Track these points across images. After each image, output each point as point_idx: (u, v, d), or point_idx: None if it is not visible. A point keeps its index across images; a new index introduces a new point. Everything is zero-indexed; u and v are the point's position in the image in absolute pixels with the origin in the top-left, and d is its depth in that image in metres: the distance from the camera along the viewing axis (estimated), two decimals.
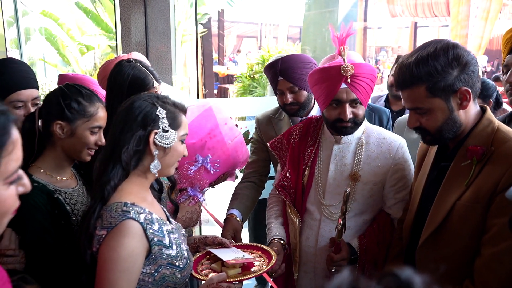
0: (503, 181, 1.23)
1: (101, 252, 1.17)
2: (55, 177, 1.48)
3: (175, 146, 1.29)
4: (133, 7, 3.55)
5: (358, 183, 1.69)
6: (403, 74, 1.33)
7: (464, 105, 1.31)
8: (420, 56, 1.29)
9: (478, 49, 10.48)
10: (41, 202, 1.38)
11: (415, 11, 13.20)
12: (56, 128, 1.44)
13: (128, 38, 3.61)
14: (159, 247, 1.22)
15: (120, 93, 1.75)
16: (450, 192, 1.35)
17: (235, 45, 16.84)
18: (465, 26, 10.45)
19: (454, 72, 1.27)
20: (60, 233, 1.42)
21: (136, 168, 1.26)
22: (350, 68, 1.56)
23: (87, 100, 1.48)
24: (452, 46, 1.28)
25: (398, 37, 15.59)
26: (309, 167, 1.78)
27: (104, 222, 1.17)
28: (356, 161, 1.71)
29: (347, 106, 1.62)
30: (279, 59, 2.04)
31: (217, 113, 1.98)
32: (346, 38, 1.61)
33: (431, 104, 1.31)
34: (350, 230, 1.70)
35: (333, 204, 1.72)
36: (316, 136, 1.82)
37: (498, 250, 1.24)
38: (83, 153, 1.49)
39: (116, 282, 1.14)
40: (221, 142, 1.92)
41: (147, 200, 1.29)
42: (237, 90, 8.58)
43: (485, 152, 1.29)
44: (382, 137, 1.72)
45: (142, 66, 1.81)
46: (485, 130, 1.33)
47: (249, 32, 17.72)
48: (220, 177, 2.00)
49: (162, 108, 1.27)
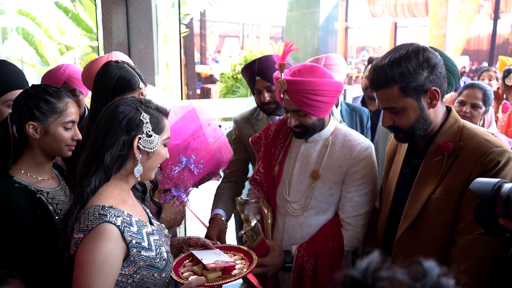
0: (474, 174, 1.31)
1: (77, 255, 1.17)
2: (36, 178, 1.49)
3: (158, 150, 1.30)
4: (114, 7, 3.52)
5: (318, 181, 1.73)
6: (377, 75, 1.40)
7: (434, 104, 1.40)
8: (393, 58, 1.37)
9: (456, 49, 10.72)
10: (22, 203, 1.40)
11: (395, 11, 13.41)
12: (29, 129, 1.46)
13: (109, 38, 3.57)
14: (137, 249, 1.23)
15: (106, 92, 1.75)
16: (424, 186, 1.43)
17: (217, 44, 16.78)
18: (443, 26, 10.67)
19: (424, 73, 1.36)
20: (43, 233, 1.43)
21: (118, 172, 1.27)
22: (283, 84, 1.63)
23: (54, 97, 1.49)
24: (422, 49, 1.37)
25: (379, 37, 15.81)
26: (279, 163, 1.84)
27: (81, 225, 1.18)
28: (319, 160, 1.75)
29: (290, 115, 1.70)
30: (256, 60, 2.12)
31: (201, 114, 1.99)
32: (284, 55, 1.66)
33: (404, 104, 1.39)
34: (311, 228, 1.75)
35: (295, 201, 1.78)
36: (288, 134, 1.87)
37: (472, 238, 1.31)
38: (63, 149, 1.51)
39: (92, 284, 1.14)
40: (204, 143, 1.93)
41: (127, 202, 1.30)
42: (220, 91, 8.57)
43: (455, 148, 1.38)
44: (348, 139, 1.75)
45: (130, 67, 1.82)
46: (452, 127, 1.43)
47: (231, 31, 17.69)
48: (204, 177, 2.02)
49: (146, 113, 1.28)
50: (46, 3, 8.51)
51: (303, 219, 1.76)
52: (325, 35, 10.61)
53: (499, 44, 12.34)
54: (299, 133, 1.75)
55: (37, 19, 8.27)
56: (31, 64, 8.87)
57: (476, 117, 2.58)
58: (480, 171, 1.31)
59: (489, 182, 1.07)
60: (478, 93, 2.58)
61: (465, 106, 2.59)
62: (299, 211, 1.76)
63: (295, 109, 1.66)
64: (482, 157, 1.32)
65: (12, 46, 8.60)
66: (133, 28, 3.58)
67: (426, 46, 1.40)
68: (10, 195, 1.39)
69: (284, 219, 1.80)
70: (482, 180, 1.09)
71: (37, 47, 8.48)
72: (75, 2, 7.99)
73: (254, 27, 16.34)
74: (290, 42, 1.69)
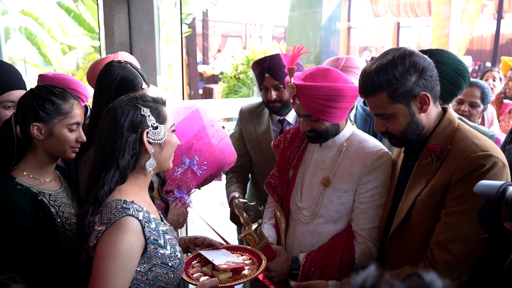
0: (454, 177, 1.31)
1: (99, 247, 1.17)
2: (38, 179, 1.48)
3: (168, 139, 1.32)
4: (116, 7, 3.51)
5: (328, 189, 1.67)
6: (365, 83, 1.40)
7: (424, 108, 1.39)
8: (380, 65, 1.36)
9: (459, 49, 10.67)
10: (24, 205, 1.39)
11: (398, 11, 13.36)
12: (33, 130, 1.45)
13: (111, 38, 3.56)
14: (154, 246, 1.24)
15: (108, 92, 1.74)
16: (413, 188, 1.43)
17: (219, 44, 16.77)
18: (446, 26, 10.62)
19: (412, 78, 1.35)
20: (45, 235, 1.43)
21: (133, 170, 1.28)
22: (292, 88, 1.59)
23: (60, 98, 1.48)
24: (409, 54, 1.36)
25: (382, 36, 15.76)
26: (293, 168, 1.80)
27: (104, 218, 1.19)
28: (332, 167, 1.69)
29: (302, 119, 1.66)
30: (268, 57, 2.13)
31: (204, 114, 1.97)
32: (293, 59, 1.62)
33: (393, 110, 1.39)
34: (321, 237, 1.68)
35: (306, 207, 1.72)
36: (304, 138, 1.82)
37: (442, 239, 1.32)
38: (67, 151, 1.50)
39: (112, 278, 1.14)
40: (208, 144, 1.91)
41: (145, 200, 1.32)
42: (222, 91, 8.55)
43: (443, 150, 1.37)
44: (362, 145, 1.67)
45: (132, 68, 1.80)
46: (445, 130, 1.42)
47: (234, 31, 17.67)
48: (207, 179, 2.00)
49: (145, 107, 1.28)
50: (48, 3, 8.51)
51: (313, 227, 1.70)
52: (327, 35, 10.58)
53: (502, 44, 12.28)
54: (312, 137, 1.70)
55: (39, 19, 8.28)
56: (33, 64, 8.88)
57: (475, 116, 2.57)
58: (460, 174, 1.30)
59: (493, 185, 1.05)
60: (476, 91, 2.56)
61: (463, 104, 2.57)
62: (309, 218, 1.70)
63: (307, 114, 1.62)
64: (465, 160, 1.31)
65: (14, 46, 8.60)
66: (135, 27, 3.57)
67: (414, 50, 1.39)
68: (12, 197, 1.38)
69: (296, 225, 1.76)
70: (486, 183, 1.07)
71: (39, 47, 8.49)
72: (77, 2, 7.99)
73: (256, 27, 16.32)
74: (299, 46, 1.65)
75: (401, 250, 1.47)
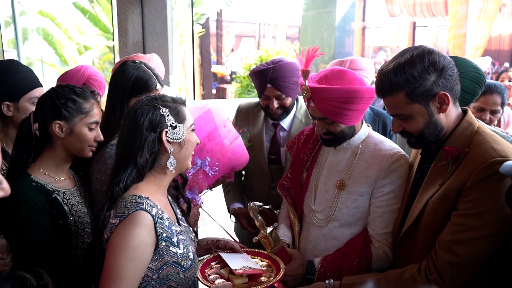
0: (472, 178, 1.28)
1: (111, 240, 1.20)
2: (53, 178, 1.51)
3: (187, 138, 1.33)
4: (130, 8, 3.53)
5: (343, 192, 1.63)
6: (382, 82, 1.36)
7: (444, 108, 1.35)
8: (397, 64, 1.32)
9: (476, 49, 10.49)
10: (39, 202, 1.41)
11: (414, 10, 13.19)
12: (55, 128, 1.47)
13: (125, 38, 3.59)
14: (166, 243, 1.25)
15: (122, 92, 1.74)
16: (427, 191, 1.40)
17: (233, 44, 16.80)
18: (463, 25, 10.45)
19: (431, 77, 1.31)
20: (57, 233, 1.45)
21: (152, 168, 1.31)
22: (307, 91, 1.56)
23: (81, 98, 1.51)
24: (428, 53, 1.32)
25: (397, 36, 15.58)
26: (307, 170, 1.77)
27: (118, 212, 1.21)
28: (347, 169, 1.65)
29: (317, 122, 1.62)
30: (270, 68, 2.07)
31: (216, 115, 1.96)
32: (308, 61, 1.59)
33: (411, 110, 1.35)
34: (335, 241, 1.65)
35: (320, 210, 1.69)
36: (318, 140, 1.79)
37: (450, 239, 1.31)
38: (85, 150, 1.53)
39: (123, 270, 1.16)
40: (219, 145, 1.90)
41: (161, 200, 1.33)
42: (235, 91, 8.57)
43: (460, 154, 1.34)
44: (378, 148, 1.63)
45: (147, 68, 1.80)
46: (464, 132, 1.38)
47: (248, 31, 17.68)
48: (219, 180, 1.98)
49: (164, 106, 1.31)
50: (65, 4, 8.65)
51: (327, 230, 1.66)
52: (341, 35, 10.52)
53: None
54: (328, 140, 1.66)
55: (56, 19, 8.42)
56: (50, 64, 9.03)
57: (494, 121, 2.49)
58: (476, 178, 1.27)
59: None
60: (497, 98, 2.45)
61: (484, 112, 2.46)
62: (323, 221, 1.67)
63: (322, 116, 1.59)
64: (481, 165, 1.27)
65: (32, 46, 8.77)
66: (148, 28, 3.59)
67: (433, 49, 1.34)
68: (27, 194, 1.40)
69: (309, 228, 1.72)
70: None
71: (56, 47, 8.64)
72: (93, 3, 8.09)
73: (270, 27, 16.30)
74: (314, 47, 1.62)
75: (410, 251, 1.45)
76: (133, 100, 1.74)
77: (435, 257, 1.33)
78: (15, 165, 1.48)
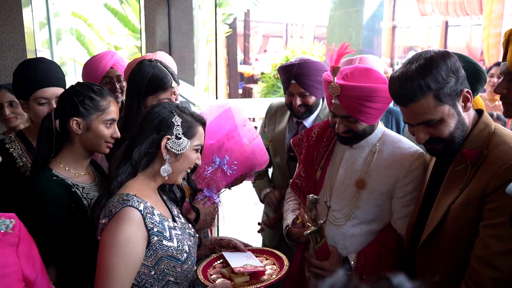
0: (493, 182, 1.22)
1: (101, 239, 1.22)
2: (73, 172, 1.55)
3: (186, 154, 1.33)
4: (157, 8, 3.59)
5: (364, 191, 1.62)
6: (405, 88, 1.29)
7: (468, 106, 1.32)
8: (420, 67, 1.27)
9: None
10: (59, 195, 1.46)
11: (446, 9, 12.81)
12: (72, 124, 1.52)
13: (152, 38, 3.65)
14: (158, 237, 1.26)
15: (139, 90, 1.79)
16: (447, 196, 1.35)
17: (261, 45, 16.82)
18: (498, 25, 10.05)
19: (454, 77, 1.28)
20: (76, 226, 1.48)
21: (145, 169, 1.32)
22: (336, 89, 1.54)
23: (98, 95, 1.55)
24: (447, 54, 1.30)
25: (428, 36, 15.17)
26: (321, 168, 1.76)
27: (106, 211, 1.24)
28: (365, 168, 1.64)
29: (338, 120, 1.61)
30: (295, 64, 2.08)
31: (236, 114, 1.96)
32: (338, 58, 1.58)
33: (442, 113, 1.29)
34: (355, 238, 1.64)
35: (337, 209, 1.67)
36: (332, 138, 1.78)
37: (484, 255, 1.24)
38: (102, 146, 1.57)
39: (113, 267, 1.17)
40: (239, 144, 1.90)
41: (151, 197, 1.34)
42: (261, 90, 8.57)
43: (479, 156, 1.28)
44: (398, 146, 1.63)
45: (163, 66, 1.83)
46: (481, 133, 1.33)
47: (275, 32, 17.66)
48: (237, 179, 1.98)
49: (179, 116, 1.33)
50: (97, 5, 8.89)
51: (345, 229, 1.65)
52: (369, 35, 10.34)
53: None
54: (346, 138, 1.65)
55: (88, 20, 8.67)
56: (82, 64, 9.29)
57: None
58: (498, 182, 1.21)
59: None
60: None
61: None
62: (341, 220, 1.66)
63: (345, 114, 1.58)
64: (502, 167, 1.22)
65: (65, 47, 9.06)
66: (174, 28, 3.64)
67: (447, 50, 1.32)
68: (48, 188, 1.45)
69: (324, 227, 1.72)
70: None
71: (88, 47, 8.89)
72: (123, 4, 8.28)
73: (298, 27, 16.22)
74: (344, 44, 1.61)
75: (432, 258, 1.40)
76: (150, 98, 1.78)
77: (474, 274, 1.25)
78: (37, 159, 1.53)
